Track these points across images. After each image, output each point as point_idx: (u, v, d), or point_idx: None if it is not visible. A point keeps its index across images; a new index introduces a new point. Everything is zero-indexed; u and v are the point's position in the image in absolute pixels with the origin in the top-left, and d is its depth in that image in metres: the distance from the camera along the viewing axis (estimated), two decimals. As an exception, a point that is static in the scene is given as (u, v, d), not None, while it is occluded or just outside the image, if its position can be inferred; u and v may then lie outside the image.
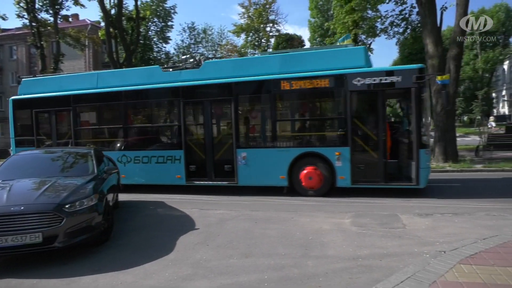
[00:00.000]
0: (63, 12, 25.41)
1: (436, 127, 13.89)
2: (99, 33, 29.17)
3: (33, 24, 23.41)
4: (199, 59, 10.65)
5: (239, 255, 4.74)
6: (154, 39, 36.09)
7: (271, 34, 35.71)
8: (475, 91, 33.58)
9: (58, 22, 24.92)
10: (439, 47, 13.36)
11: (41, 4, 23.93)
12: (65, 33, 25.76)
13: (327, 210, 7.08)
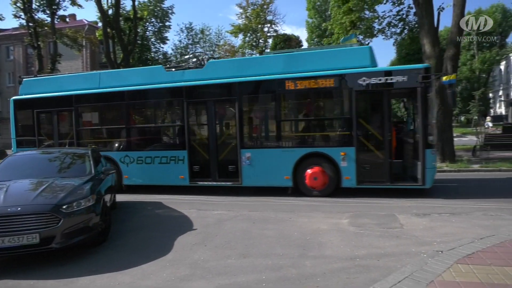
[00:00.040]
0: (60, 12, 25.47)
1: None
2: (97, 33, 29.12)
3: (30, 24, 23.41)
4: (202, 58, 10.54)
5: (237, 256, 4.74)
6: (152, 40, 36.07)
7: (268, 34, 35.76)
8: (472, 91, 33.63)
9: (55, 22, 24.90)
10: (436, 47, 13.40)
11: (38, 4, 23.90)
12: (62, 34, 25.75)
13: (325, 210, 7.09)
